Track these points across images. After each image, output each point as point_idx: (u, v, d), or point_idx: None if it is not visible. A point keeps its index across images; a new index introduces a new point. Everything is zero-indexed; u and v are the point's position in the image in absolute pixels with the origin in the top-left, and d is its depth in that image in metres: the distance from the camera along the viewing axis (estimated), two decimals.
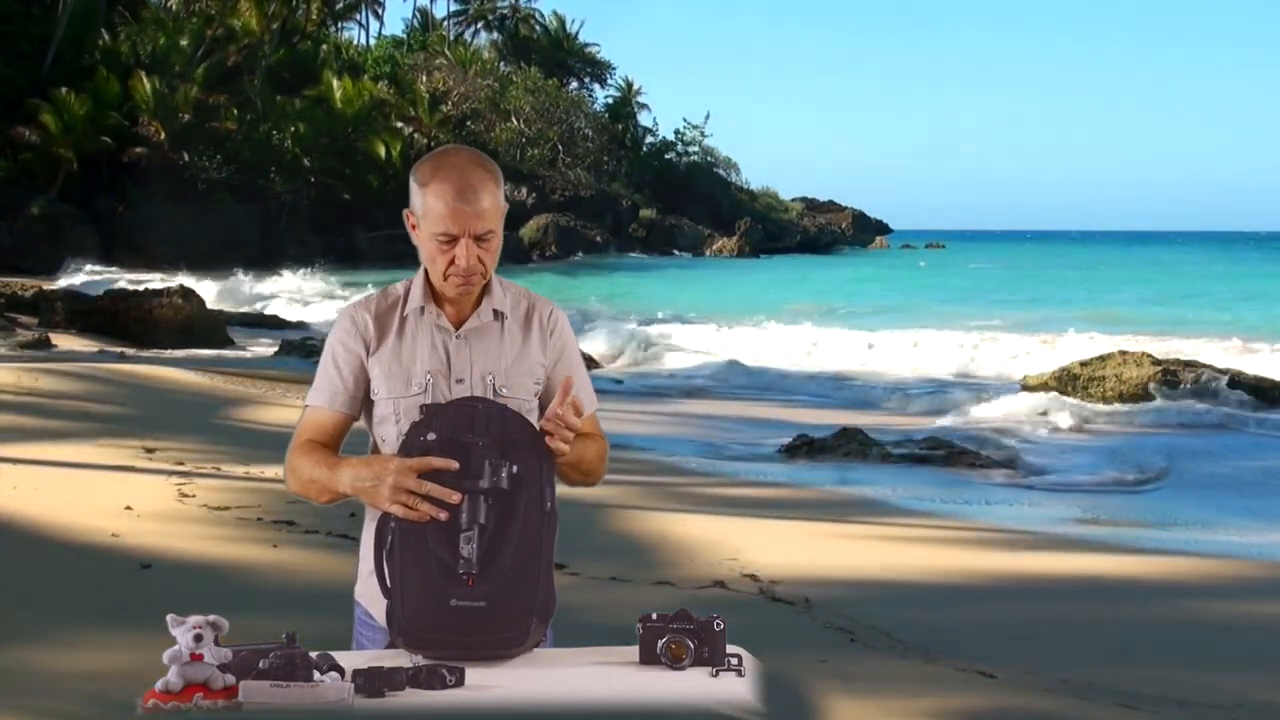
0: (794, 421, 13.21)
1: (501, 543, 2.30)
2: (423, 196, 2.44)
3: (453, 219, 2.40)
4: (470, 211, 2.40)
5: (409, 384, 2.46)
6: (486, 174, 2.44)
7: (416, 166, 2.48)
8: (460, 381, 2.47)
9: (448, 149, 2.50)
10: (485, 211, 2.42)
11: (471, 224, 2.41)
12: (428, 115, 54.50)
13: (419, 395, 2.45)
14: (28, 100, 41.36)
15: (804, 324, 24.94)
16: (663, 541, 7.20)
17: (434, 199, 2.42)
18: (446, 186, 2.41)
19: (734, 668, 2.23)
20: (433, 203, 2.42)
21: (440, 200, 2.41)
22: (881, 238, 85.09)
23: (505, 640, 2.29)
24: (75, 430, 9.57)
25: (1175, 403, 14.04)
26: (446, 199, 2.40)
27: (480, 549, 2.28)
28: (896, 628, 5.60)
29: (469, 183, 2.41)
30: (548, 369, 2.55)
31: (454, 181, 2.41)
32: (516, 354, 2.52)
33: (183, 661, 2.04)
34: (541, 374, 2.54)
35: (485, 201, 2.42)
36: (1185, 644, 5.75)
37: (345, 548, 6.24)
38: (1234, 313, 29.04)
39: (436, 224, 2.42)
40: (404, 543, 2.31)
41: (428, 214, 2.43)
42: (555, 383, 2.52)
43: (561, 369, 2.55)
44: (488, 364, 2.49)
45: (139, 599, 5.38)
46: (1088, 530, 8.52)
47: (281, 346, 18.65)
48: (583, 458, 2.49)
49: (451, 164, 2.44)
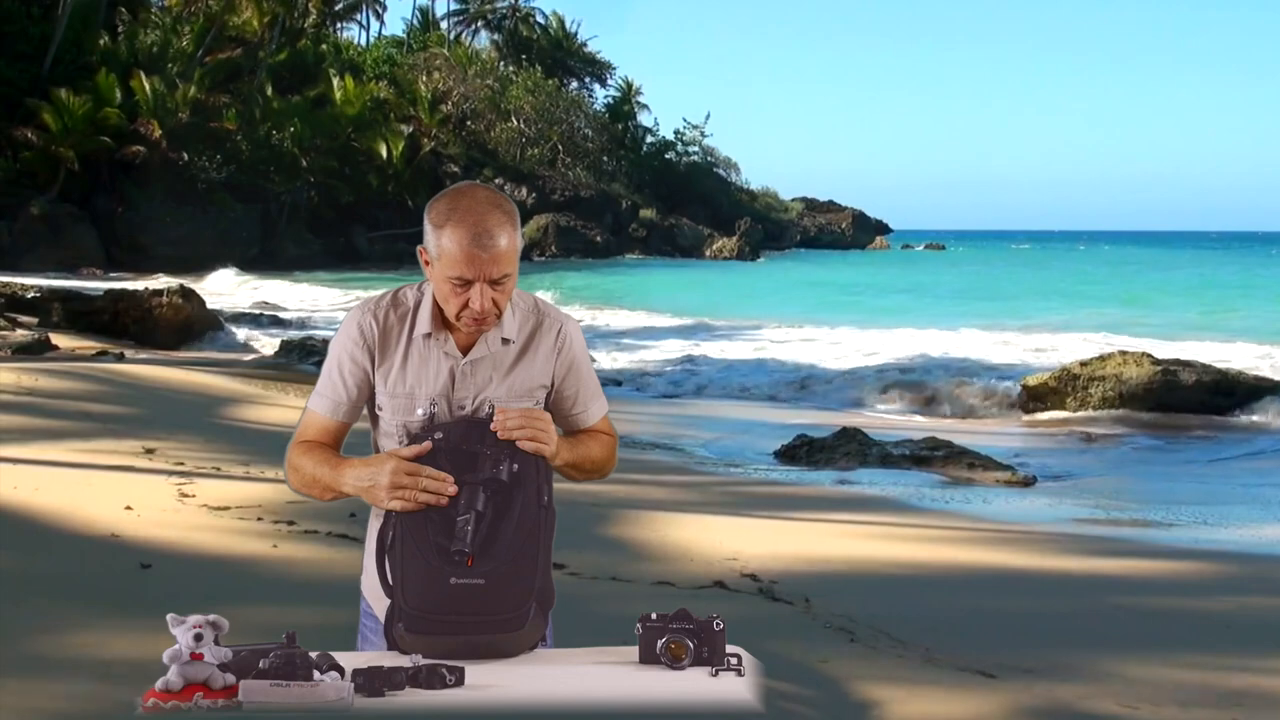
0: (794, 422, 13.21)
1: (499, 531, 2.33)
2: (437, 238, 2.37)
3: (468, 264, 2.35)
4: (486, 258, 2.35)
5: (413, 409, 2.46)
6: (504, 216, 2.38)
7: (431, 204, 2.41)
8: (463, 408, 2.48)
9: (464, 188, 2.43)
10: (501, 256, 2.36)
11: (487, 269, 2.36)
12: (428, 115, 54.49)
13: (423, 420, 2.45)
14: (28, 100, 41.40)
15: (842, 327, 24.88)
16: (663, 541, 7.20)
17: (449, 242, 2.35)
18: (463, 231, 2.34)
19: (734, 668, 2.23)
20: (448, 245, 2.35)
21: (456, 245, 2.35)
22: (881, 238, 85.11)
23: (505, 621, 2.30)
24: (75, 430, 9.56)
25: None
26: (462, 244, 2.34)
27: (477, 534, 2.30)
28: (896, 627, 5.60)
29: (486, 227, 2.35)
30: (556, 382, 2.55)
31: (470, 226, 2.34)
32: (519, 376, 2.51)
33: (183, 661, 2.04)
34: (543, 392, 2.54)
35: (502, 245, 2.36)
36: (1186, 642, 5.75)
37: (345, 547, 6.25)
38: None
39: (451, 268, 2.36)
40: (405, 535, 2.33)
41: (442, 256, 2.37)
42: (566, 397, 2.55)
43: (571, 381, 2.56)
44: (490, 391, 2.49)
45: (139, 599, 5.38)
46: (1088, 530, 8.51)
47: (281, 346, 18.64)
48: (585, 458, 2.50)
49: (468, 206, 2.36)
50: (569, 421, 2.57)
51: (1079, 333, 22.46)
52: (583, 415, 2.58)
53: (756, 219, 70.75)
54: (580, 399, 2.57)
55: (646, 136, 72.65)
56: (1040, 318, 28.01)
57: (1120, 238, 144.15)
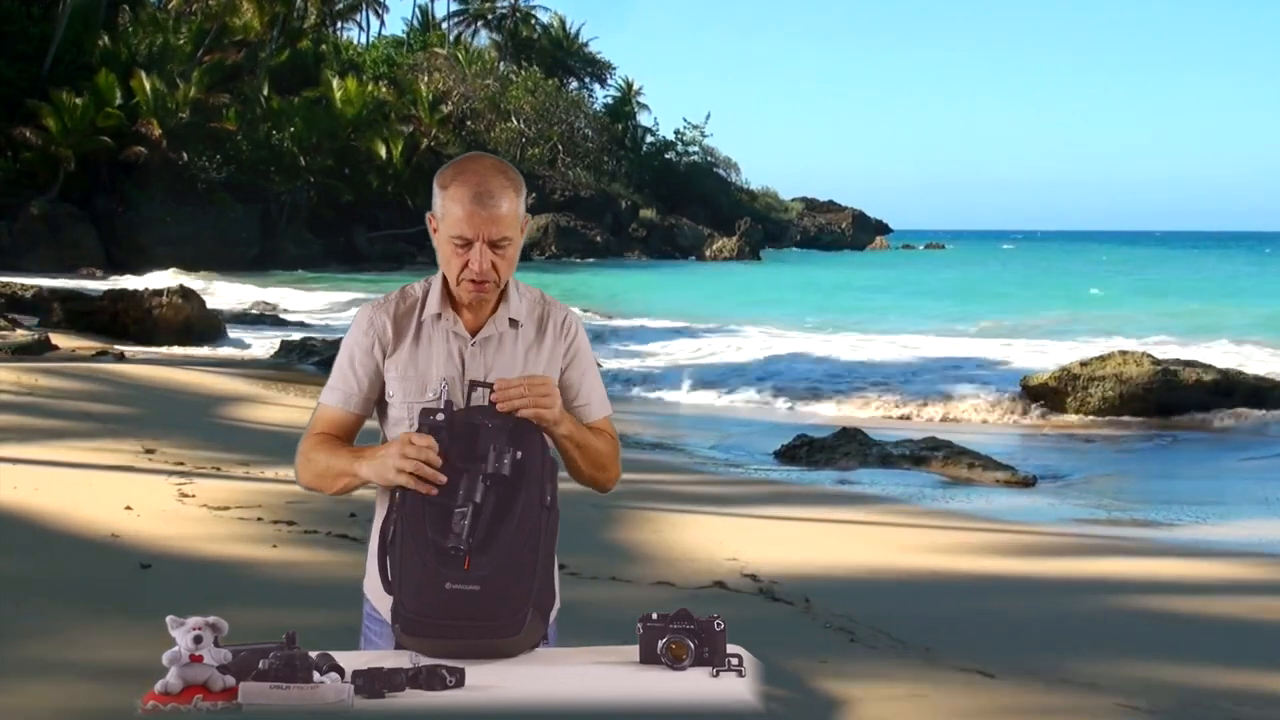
0: (794, 421, 13.22)
1: (498, 529, 2.31)
2: (442, 199, 2.45)
3: (468, 222, 2.41)
4: (486, 216, 2.41)
5: (424, 390, 2.48)
6: (507, 181, 2.45)
7: (440, 171, 2.49)
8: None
9: (472, 155, 2.51)
10: (502, 217, 2.42)
11: (487, 229, 2.41)
12: (428, 115, 54.47)
13: (434, 401, 2.46)
14: (28, 100, 41.38)
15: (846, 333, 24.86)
16: (663, 541, 7.20)
17: (452, 202, 2.43)
18: (465, 190, 2.42)
19: (734, 668, 2.23)
20: (450, 205, 2.43)
21: (458, 204, 2.42)
22: (881, 238, 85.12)
23: (499, 628, 2.29)
24: (75, 430, 9.57)
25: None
26: (464, 202, 2.41)
27: (474, 529, 2.29)
28: (896, 628, 5.60)
29: (488, 188, 2.42)
30: (562, 371, 2.56)
31: (473, 186, 2.42)
32: (529, 361, 2.53)
33: (182, 663, 2.04)
34: (553, 379, 2.54)
35: (503, 207, 2.42)
36: (1187, 643, 5.75)
37: (345, 547, 6.25)
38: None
39: (453, 227, 2.43)
40: (405, 533, 2.33)
41: (446, 216, 2.44)
42: (569, 387, 2.55)
43: (574, 371, 2.57)
44: (500, 371, 2.50)
45: (139, 599, 5.37)
46: (1088, 529, 8.51)
47: (281, 346, 18.65)
48: (588, 441, 2.49)
49: (473, 169, 2.45)
50: (579, 413, 2.56)
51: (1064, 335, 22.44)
52: (585, 409, 2.58)
53: (756, 219, 70.77)
54: (583, 391, 2.58)
55: (646, 136, 72.68)
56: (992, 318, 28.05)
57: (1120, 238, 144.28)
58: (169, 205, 42.98)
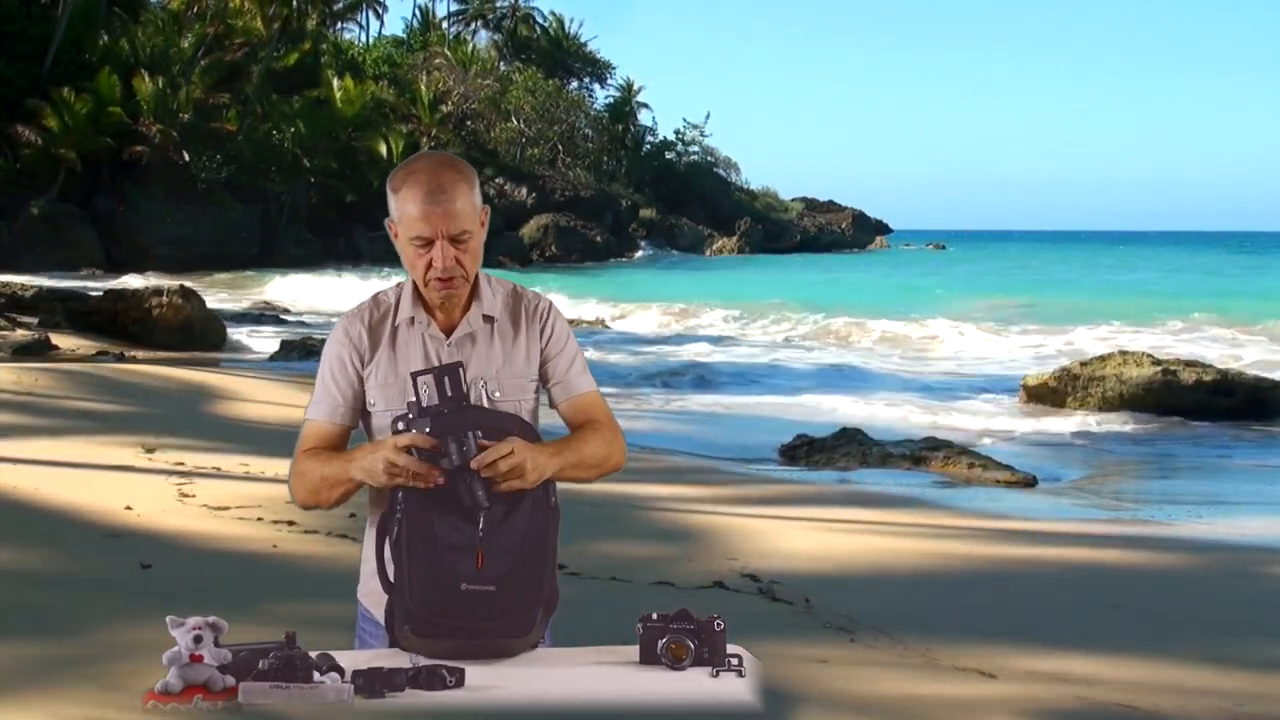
0: (794, 421, 13.20)
1: (508, 529, 2.32)
2: (396, 202, 2.45)
3: (425, 221, 2.41)
4: (441, 212, 2.40)
5: (404, 395, 2.45)
6: (457, 175, 2.45)
7: (390, 175, 2.49)
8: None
9: (420, 154, 2.53)
10: (457, 212, 2.42)
11: (444, 225, 2.41)
12: (428, 115, 54.47)
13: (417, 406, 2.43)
14: (28, 100, 41.36)
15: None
16: (663, 541, 7.20)
17: (406, 203, 2.43)
18: (417, 190, 2.41)
19: (734, 668, 2.23)
20: (405, 207, 2.43)
21: (412, 204, 2.42)
22: (881, 238, 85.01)
23: (512, 628, 2.30)
24: (75, 430, 9.56)
25: None
26: (418, 202, 2.41)
27: (487, 529, 2.29)
28: (896, 627, 5.60)
29: (439, 184, 2.42)
30: (541, 351, 2.56)
31: (423, 184, 2.42)
32: (507, 355, 2.53)
33: (182, 663, 2.04)
34: (535, 369, 2.55)
35: (458, 202, 2.42)
36: (1187, 641, 5.75)
37: (345, 547, 6.25)
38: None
39: (411, 227, 2.43)
40: (411, 532, 2.32)
41: (403, 218, 2.44)
42: (551, 370, 2.55)
43: (553, 348, 2.57)
44: (479, 370, 2.49)
45: (139, 599, 5.37)
46: (1088, 529, 8.51)
47: (281, 346, 18.64)
48: (580, 459, 2.47)
49: (422, 168, 2.45)
50: (556, 392, 2.57)
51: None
52: (562, 386, 2.56)
53: (756, 219, 70.72)
54: (559, 371, 2.56)
55: (647, 136, 72.62)
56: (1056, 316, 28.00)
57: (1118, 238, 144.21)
58: (169, 205, 43.00)
